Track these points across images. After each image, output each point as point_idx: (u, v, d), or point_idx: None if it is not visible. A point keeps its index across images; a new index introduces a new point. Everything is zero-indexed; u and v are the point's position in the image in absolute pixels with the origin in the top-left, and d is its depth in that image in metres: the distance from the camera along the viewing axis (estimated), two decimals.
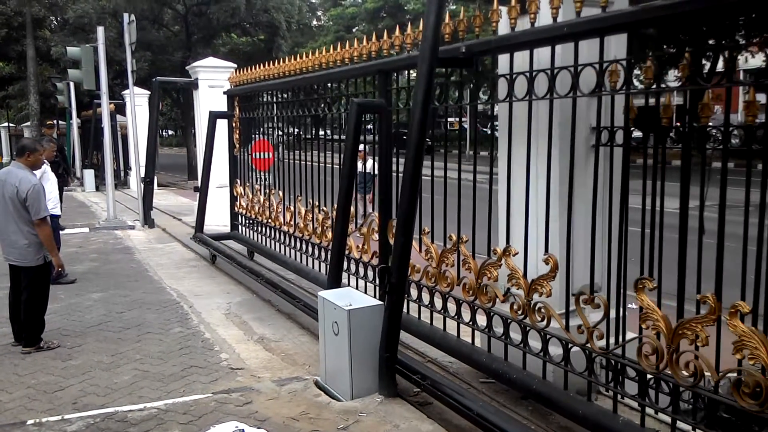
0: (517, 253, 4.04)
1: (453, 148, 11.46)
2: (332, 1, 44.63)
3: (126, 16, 12.72)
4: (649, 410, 3.41)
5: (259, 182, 8.67)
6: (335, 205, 5.56)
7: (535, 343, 3.94)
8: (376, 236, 5.55)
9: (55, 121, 22.70)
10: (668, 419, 3.24)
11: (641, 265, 3.41)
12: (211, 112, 9.54)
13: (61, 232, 8.64)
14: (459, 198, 4.57)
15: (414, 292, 5.01)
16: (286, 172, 7.68)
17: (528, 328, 3.97)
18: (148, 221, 12.44)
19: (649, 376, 3.27)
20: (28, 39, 26.92)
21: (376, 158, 5.64)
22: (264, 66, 7.88)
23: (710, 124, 3.09)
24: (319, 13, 46.02)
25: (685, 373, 3.07)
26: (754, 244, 2.92)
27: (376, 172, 7.12)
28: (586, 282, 3.79)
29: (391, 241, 5.16)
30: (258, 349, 5.48)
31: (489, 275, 4.21)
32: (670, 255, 3.25)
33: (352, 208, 5.63)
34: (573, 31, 3.56)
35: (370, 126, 5.92)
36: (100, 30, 12.81)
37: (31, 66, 26.99)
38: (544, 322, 3.81)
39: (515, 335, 4.10)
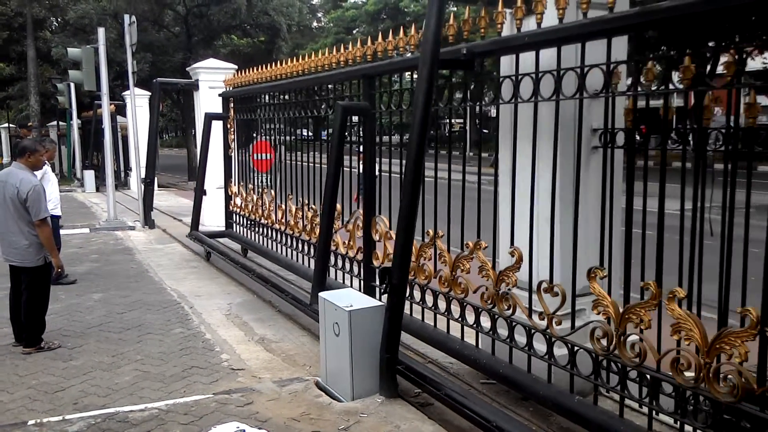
0: (486, 246, 4.29)
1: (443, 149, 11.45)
2: (333, 3, 44.68)
3: (127, 17, 12.72)
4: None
5: (252, 182, 8.84)
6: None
7: (503, 330, 4.19)
8: (360, 232, 5.76)
9: (32, 123, 22.68)
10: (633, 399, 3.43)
11: (600, 256, 3.62)
12: (206, 114, 9.79)
13: (61, 231, 8.64)
14: (435, 195, 4.72)
15: None
16: (279, 171, 7.88)
17: (496, 316, 4.23)
18: (148, 222, 12.45)
19: (600, 357, 3.50)
20: (28, 40, 26.96)
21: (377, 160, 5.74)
22: (257, 69, 8.06)
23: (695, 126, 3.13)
24: (319, 15, 46.05)
25: (631, 353, 3.32)
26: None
27: (376, 173, 7.15)
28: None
29: (375, 237, 5.56)
30: (259, 350, 5.49)
31: (462, 267, 4.46)
32: (673, 255, 3.27)
33: (339, 206, 5.84)
34: (579, 33, 3.57)
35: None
36: (101, 31, 12.83)
37: (32, 67, 27.03)
38: (510, 311, 4.08)
39: (487, 324, 4.34)
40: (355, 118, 6.14)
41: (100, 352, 5.41)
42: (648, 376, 3.27)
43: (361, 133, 5.80)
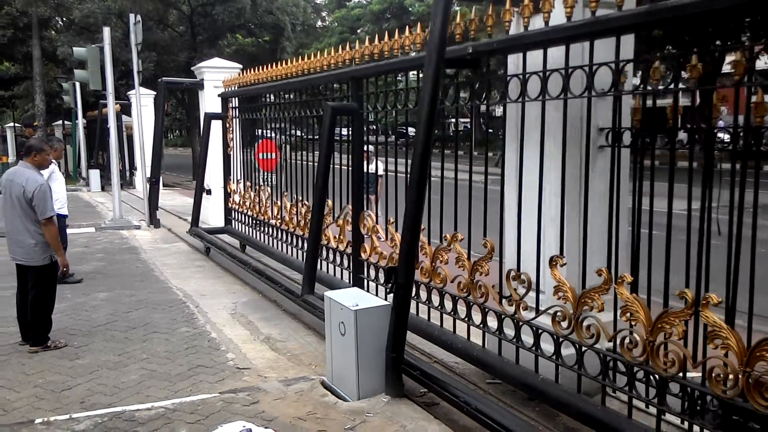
0: (462, 239, 4.55)
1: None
2: (337, 2, 44.67)
3: (132, 16, 12.75)
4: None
5: (250, 179, 9.08)
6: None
7: (479, 316, 4.47)
8: (350, 227, 6.06)
9: (37, 123, 22.80)
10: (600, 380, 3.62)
11: (560, 248, 3.92)
12: (206, 114, 10.11)
13: (67, 230, 8.66)
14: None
15: (381, 276, 5.49)
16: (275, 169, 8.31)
17: (471, 304, 4.50)
18: (153, 221, 12.47)
19: (561, 339, 3.76)
20: (33, 39, 27.04)
21: (380, 159, 5.87)
22: (255, 70, 8.34)
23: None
24: (324, 14, 46.06)
25: (586, 334, 3.57)
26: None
27: (381, 172, 7.23)
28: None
29: (363, 231, 5.86)
30: (264, 349, 5.49)
31: (441, 259, 4.74)
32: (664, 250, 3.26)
33: (330, 202, 6.18)
34: (587, 31, 3.55)
35: (373, 128, 6.16)
36: (106, 30, 12.85)
37: (37, 66, 27.11)
38: (483, 299, 4.37)
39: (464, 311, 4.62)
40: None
41: (107, 351, 5.43)
42: (601, 355, 3.50)
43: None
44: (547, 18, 3.81)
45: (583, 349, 3.60)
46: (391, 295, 4.47)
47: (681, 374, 3.12)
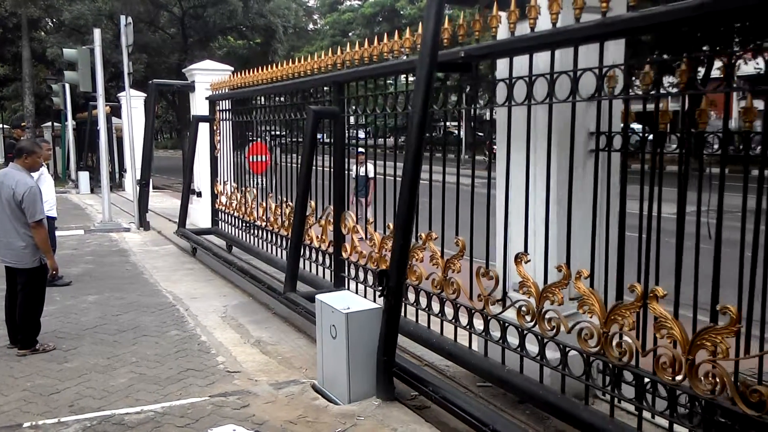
0: (436, 238, 4.77)
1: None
2: (329, 5, 44.68)
3: (123, 18, 12.69)
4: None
5: (237, 180, 9.22)
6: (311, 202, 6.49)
7: (451, 311, 4.64)
8: (332, 227, 6.25)
9: (26, 123, 22.74)
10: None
11: (525, 245, 4.10)
12: (193, 116, 10.25)
13: (56, 232, 8.60)
14: (394, 192, 4.90)
15: (361, 275, 5.75)
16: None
17: (444, 300, 4.69)
18: (143, 223, 12.40)
19: (525, 332, 3.96)
20: (23, 40, 26.89)
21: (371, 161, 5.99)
22: (242, 74, 8.46)
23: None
24: (315, 17, 46.06)
25: (548, 327, 3.76)
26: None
27: (371, 175, 7.29)
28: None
29: (344, 231, 6.06)
30: (255, 353, 5.48)
31: (416, 257, 4.91)
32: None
33: (312, 203, 6.39)
34: (573, 37, 3.58)
35: (370, 130, 6.25)
36: (97, 32, 12.78)
37: (26, 67, 26.95)
38: (455, 295, 4.55)
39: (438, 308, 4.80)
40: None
41: (96, 354, 5.39)
42: (561, 346, 3.69)
43: (366, 138, 6.28)
44: (533, 24, 3.82)
45: (545, 341, 3.78)
46: (382, 297, 4.48)
47: (633, 362, 3.32)
